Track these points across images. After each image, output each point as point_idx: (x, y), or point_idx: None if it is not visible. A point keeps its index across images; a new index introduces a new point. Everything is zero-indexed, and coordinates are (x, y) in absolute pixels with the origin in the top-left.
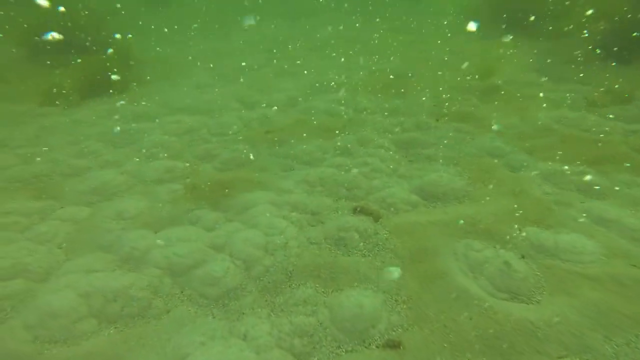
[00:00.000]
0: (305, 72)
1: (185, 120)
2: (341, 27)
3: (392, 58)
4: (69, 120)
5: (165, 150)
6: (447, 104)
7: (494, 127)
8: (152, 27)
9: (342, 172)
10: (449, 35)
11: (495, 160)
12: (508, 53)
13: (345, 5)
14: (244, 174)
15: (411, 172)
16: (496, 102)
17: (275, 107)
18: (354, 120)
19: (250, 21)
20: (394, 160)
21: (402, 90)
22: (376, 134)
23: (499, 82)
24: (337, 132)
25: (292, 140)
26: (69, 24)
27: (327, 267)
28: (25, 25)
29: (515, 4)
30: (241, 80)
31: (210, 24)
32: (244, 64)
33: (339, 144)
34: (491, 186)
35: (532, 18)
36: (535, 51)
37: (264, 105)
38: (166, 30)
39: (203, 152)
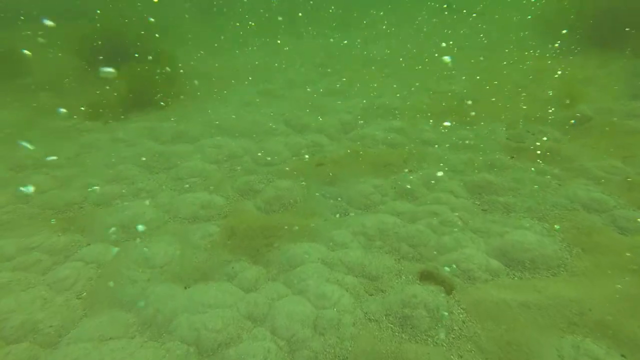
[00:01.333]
0: (358, 91)
1: (227, 144)
2: (398, 42)
3: (456, 78)
4: (109, 138)
5: (203, 179)
6: (524, 137)
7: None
8: (200, 38)
9: (406, 223)
10: (521, 51)
11: (596, 217)
12: (594, 74)
13: (402, 16)
14: (290, 218)
15: (488, 227)
16: (587, 137)
17: (325, 136)
18: (416, 153)
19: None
20: (465, 208)
21: (470, 118)
22: (443, 173)
23: (588, 110)
24: (397, 168)
25: (347, 177)
26: (123, 35)
27: (390, 358)
28: (81, 36)
29: (599, 15)
30: (289, 98)
31: (259, 35)
32: (292, 79)
33: (400, 183)
34: (596, 255)
35: (627, 30)
36: (628, 72)
37: (314, 129)
38: (215, 42)
39: (244, 185)
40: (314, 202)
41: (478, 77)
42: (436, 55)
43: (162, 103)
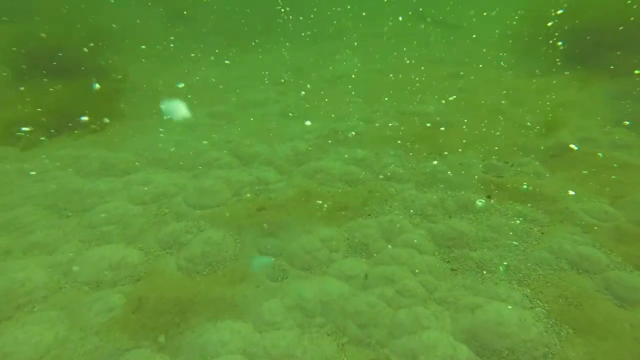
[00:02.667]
0: (320, 113)
1: (159, 180)
2: (367, 55)
3: (429, 98)
4: (15, 170)
5: (122, 227)
6: (502, 169)
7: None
8: (158, 49)
9: (356, 291)
10: (497, 70)
11: (587, 281)
12: (576, 96)
13: (373, 29)
14: (215, 284)
15: (456, 296)
16: (572, 171)
17: (275, 169)
18: (379, 193)
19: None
20: (430, 269)
21: (443, 146)
22: (407, 220)
23: (571, 139)
24: (354, 212)
25: (292, 225)
26: (63, 42)
27: None
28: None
29: (578, 33)
30: (242, 121)
31: (225, 47)
32: (249, 98)
33: (355, 234)
34: (591, 339)
35: (607, 48)
36: (610, 94)
37: (264, 160)
38: (173, 54)
39: (169, 235)
40: (248, 261)
41: (452, 98)
42: (409, 73)
43: (94, 126)
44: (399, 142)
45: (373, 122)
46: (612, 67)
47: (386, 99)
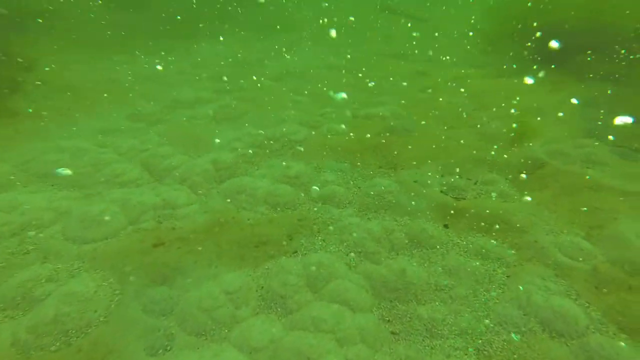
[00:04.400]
0: (258, 116)
1: (32, 204)
2: (324, 49)
3: (386, 99)
4: None
5: None
6: (463, 188)
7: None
8: (88, 38)
9: None
10: (464, 68)
11: (563, 349)
12: (545, 101)
13: (334, 19)
14: None
15: None
16: (542, 192)
17: (189, 187)
18: (310, 222)
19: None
20: (364, 334)
21: (396, 157)
22: (342, 260)
23: (541, 152)
24: (276, 249)
25: (192, 268)
26: None
27: None
28: None
29: (548, 33)
30: (165, 125)
31: (167, 34)
32: (180, 98)
33: (271, 282)
34: None
35: (588, 54)
36: (580, 100)
37: (178, 176)
38: (104, 44)
39: (18, 288)
40: (125, 324)
41: (413, 99)
42: (368, 69)
43: None
44: (345, 152)
45: (318, 127)
46: (581, 71)
47: (341, 98)
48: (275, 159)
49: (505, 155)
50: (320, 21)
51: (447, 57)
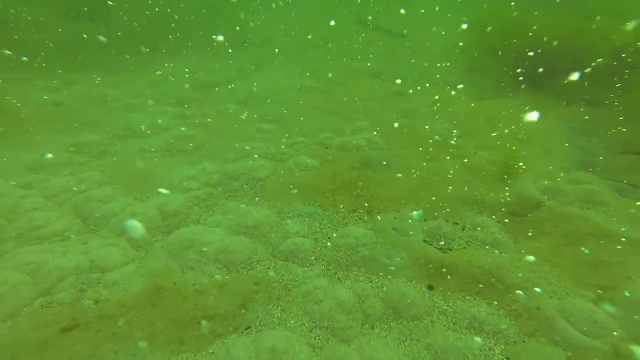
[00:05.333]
0: (219, 147)
1: None
2: (296, 68)
3: (361, 126)
4: None
5: None
6: (450, 236)
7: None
8: (26, 48)
9: None
10: (444, 88)
11: None
12: (533, 128)
13: (308, 36)
14: None
15: None
16: (540, 241)
17: (128, 241)
18: (268, 284)
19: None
20: None
21: (372, 198)
22: (303, 339)
23: (533, 189)
24: (224, 326)
25: None
26: None
27: None
28: None
29: (531, 52)
30: (112, 159)
31: (125, 49)
32: (134, 125)
33: None
34: None
35: (573, 76)
36: (568, 126)
37: (115, 227)
38: (58, 61)
39: None
40: None
41: (391, 125)
42: (343, 91)
43: None
44: (315, 192)
45: (285, 161)
46: (565, 93)
47: (312, 125)
48: (234, 201)
49: (495, 194)
50: (293, 36)
51: (426, 76)
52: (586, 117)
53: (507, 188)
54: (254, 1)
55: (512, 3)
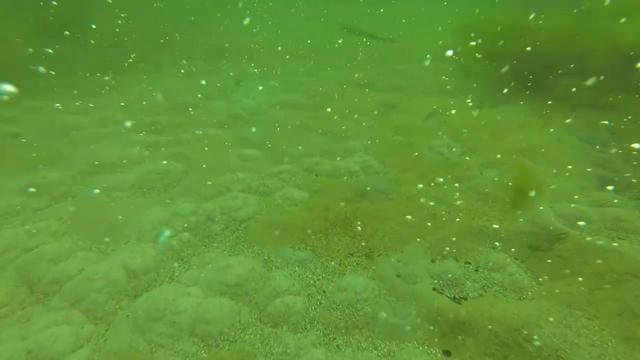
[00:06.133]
0: (198, 182)
1: None
2: (282, 81)
3: (354, 146)
4: None
5: None
6: (461, 280)
7: None
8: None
9: None
10: (440, 97)
11: None
12: (540, 140)
13: (291, 44)
14: None
15: None
16: (566, 281)
17: (83, 313)
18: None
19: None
20: None
21: (370, 236)
22: None
23: (552, 215)
24: None
25: None
26: None
27: None
28: None
29: (528, 56)
30: (74, 202)
31: (93, 70)
32: (97, 159)
33: None
34: None
35: (590, 81)
36: (579, 136)
37: (70, 294)
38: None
39: None
40: None
41: (385, 144)
42: (332, 106)
43: None
44: (305, 232)
45: (271, 195)
46: (567, 98)
47: (299, 147)
48: (213, 250)
49: (509, 222)
50: (275, 48)
51: (420, 85)
52: (597, 124)
53: (522, 215)
54: (233, 13)
55: (504, 5)
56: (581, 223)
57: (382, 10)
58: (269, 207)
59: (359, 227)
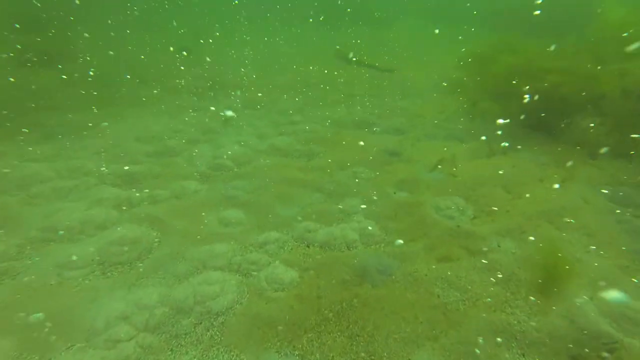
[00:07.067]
0: (171, 257)
1: None
2: (272, 119)
3: (351, 205)
4: None
5: None
6: None
7: None
8: None
9: None
10: (443, 142)
11: None
12: (562, 199)
13: (282, 77)
14: None
15: None
16: None
17: None
18: None
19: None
20: None
21: (371, 336)
22: None
23: (593, 312)
24: None
25: None
26: None
27: None
28: None
29: (539, 89)
30: (14, 288)
31: (67, 108)
32: (55, 222)
33: None
34: None
35: (608, 125)
36: (604, 194)
37: None
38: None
39: None
40: None
41: (386, 204)
42: (326, 153)
43: None
44: (293, 331)
45: (254, 275)
46: (586, 142)
47: (289, 208)
48: (181, 357)
49: (539, 320)
50: (269, 79)
51: (422, 125)
52: (622, 178)
53: (554, 309)
54: (224, 43)
55: (511, 36)
56: (633, 326)
57: (380, 34)
58: (252, 293)
59: (357, 324)
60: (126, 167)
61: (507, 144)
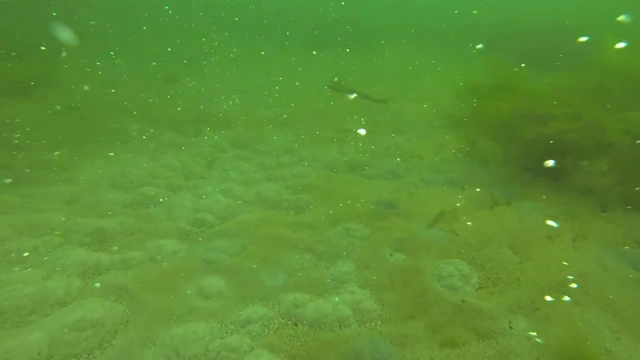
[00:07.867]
0: (137, 339)
1: None
2: (258, 161)
3: (343, 272)
4: None
5: None
6: None
7: None
8: None
9: None
10: (442, 188)
11: None
12: (577, 265)
13: (271, 112)
14: None
15: None
16: None
17: None
18: None
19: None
20: None
21: None
22: None
23: None
24: None
25: None
26: None
27: None
28: None
29: (543, 141)
30: None
31: (41, 147)
32: (6, 300)
33: None
34: None
35: (617, 173)
36: (631, 256)
37: None
38: None
39: None
40: None
41: (382, 271)
42: (316, 205)
43: None
44: None
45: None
46: (595, 191)
47: (276, 274)
48: None
49: None
50: (258, 113)
51: (419, 168)
52: (630, 237)
53: None
54: (211, 70)
55: (506, 65)
56: None
57: (372, 59)
58: None
59: None
60: (97, 222)
61: (509, 191)
